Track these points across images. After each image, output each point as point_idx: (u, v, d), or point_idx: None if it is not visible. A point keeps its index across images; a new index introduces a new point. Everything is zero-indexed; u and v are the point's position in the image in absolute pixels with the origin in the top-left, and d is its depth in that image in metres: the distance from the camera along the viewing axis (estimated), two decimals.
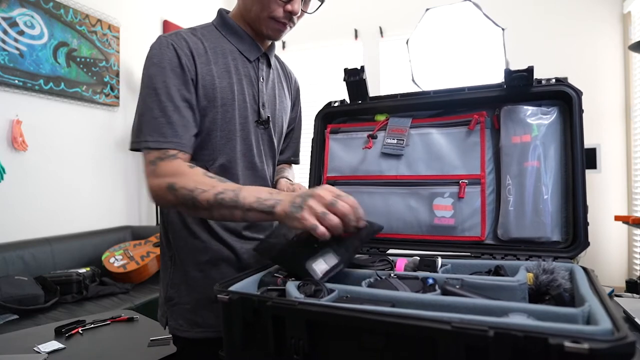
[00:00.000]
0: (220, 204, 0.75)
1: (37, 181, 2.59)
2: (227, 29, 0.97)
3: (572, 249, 0.81)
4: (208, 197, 0.76)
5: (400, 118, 1.00)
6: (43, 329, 1.49)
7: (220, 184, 0.77)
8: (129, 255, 2.74)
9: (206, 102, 0.89)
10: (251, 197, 0.74)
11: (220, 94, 0.90)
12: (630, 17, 2.99)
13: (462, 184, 0.91)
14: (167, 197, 0.80)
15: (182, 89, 0.85)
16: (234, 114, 0.92)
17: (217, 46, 0.93)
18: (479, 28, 2.00)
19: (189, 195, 0.77)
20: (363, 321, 0.51)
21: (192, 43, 0.89)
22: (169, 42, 0.86)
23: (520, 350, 0.42)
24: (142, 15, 3.36)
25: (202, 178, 0.78)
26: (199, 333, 0.91)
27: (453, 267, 0.82)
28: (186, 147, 0.85)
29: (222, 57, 0.93)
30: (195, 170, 0.80)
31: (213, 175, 0.80)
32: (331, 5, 3.86)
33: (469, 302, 0.57)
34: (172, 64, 0.85)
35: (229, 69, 0.93)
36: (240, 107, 0.93)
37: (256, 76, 0.98)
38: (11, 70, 2.42)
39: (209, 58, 0.90)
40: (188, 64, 0.86)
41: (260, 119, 0.97)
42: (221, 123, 0.91)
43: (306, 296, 0.64)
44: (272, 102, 1.02)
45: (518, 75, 0.84)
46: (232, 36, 0.96)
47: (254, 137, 0.96)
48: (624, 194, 3.05)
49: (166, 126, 0.83)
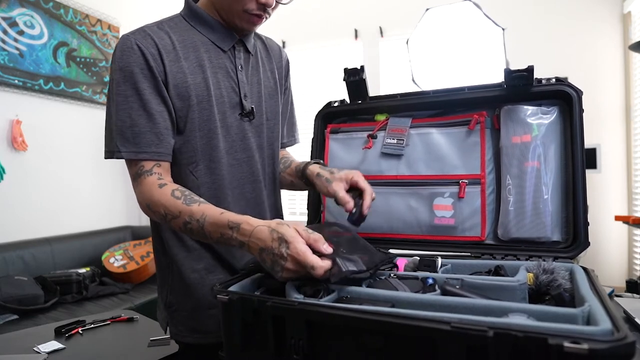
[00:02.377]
0: (191, 232, 0.78)
1: (37, 181, 2.59)
2: (196, 19, 0.90)
3: (572, 249, 0.81)
4: (179, 224, 0.78)
5: (400, 118, 1.00)
6: (43, 329, 1.49)
7: (185, 208, 0.77)
8: (129, 255, 2.74)
9: (180, 102, 0.84)
10: (216, 234, 0.74)
11: (195, 91, 0.84)
12: (630, 17, 2.99)
13: (462, 184, 0.91)
14: (149, 214, 0.83)
15: (153, 93, 0.81)
16: (212, 110, 0.86)
17: (187, 39, 0.87)
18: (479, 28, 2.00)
19: (163, 219, 0.80)
20: (363, 321, 0.50)
21: (159, 39, 0.83)
22: (134, 42, 0.81)
23: (519, 351, 0.42)
24: (142, 15, 3.35)
25: (169, 201, 0.78)
26: (198, 339, 0.89)
27: (453, 267, 0.82)
28: (162, 156, 0.82)
29: (193, 50, 0.86)
30: (163, 191, 0.79)
31: (180, 194, 0.79)
32: (331, 5, 3.88)
33: (469, 302, 0.57)
34: (139, 67, 0.80)
35: (202, 63, 0.86)
36: (218, 102, 0.87)
37: (233, 66, 0.91)
38: (11, 70, 2.42)
39: (178, 54, 0.84)
40: (155, 65, 0.81)
41: (244, 111, 0.91)
42: (199, 122, 0.85)
43: (306, 296, 0.64)
44: (255, 91, 0.94)
45: (518, 75, 0.84)
46: (202, 26, 0.89)
47: (237, 131, 0.90)
48: (624, 194, 3.04)
49: (138, 136, 0.80)
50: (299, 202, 3.79)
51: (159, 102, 0.82)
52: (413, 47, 2.18)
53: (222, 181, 0.88)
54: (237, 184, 0.91)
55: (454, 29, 2.06)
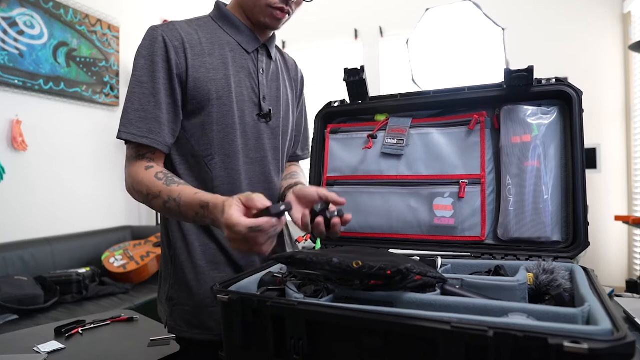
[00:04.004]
0: (169, 212, 0.81)
1: (37, 181, 2.59)
2: (224, 20, 0.94)
3: (572, 249, 0.81)
4: (159, 204, 0.81)
5: (400, 118, 1.00)
6: (43, 329, 1.49)
7: (165, 188, 0.80)
8: (129, 255, 2.74)
9: (199, 95, 0.86)
10: (191, 212, 0.78)
11: (215, 86, 0.87)
12: (630, 17, 2.99)
13: (462, 184, 0.91)
14: (133, 194, 0.86)
15: (167, 85, 0.84)
16: (231, 107, 0.89)
17: (214, 37, 0.91)
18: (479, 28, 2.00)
19: (145, 198, 0.83)
20: (363, 321, 0.50)
21: (186, 34, 0.87)
22: (160, 33, 0.85)
23: (519, 350, 0.42)
24: (142, 15, 3.36)
25: (151, 181, 0.82)
26: (197, 335, 0.90)
27: (453, 267, 0.82)
28: (159, 145, 0.85)
29: (219, 48, 0.90)
30: (148, 172, 0.83)
31: (163, 176, 0.82)
32: (331, 5, 3.88)
33: (469, 302, 0.57)
34: (160, 57, 0.84)
35: (226, 61, 0.90)
36: (239, 99, 0.91)
37: (255, 68, 0.95)
38: (11, 70, 2.42)
39: (204, 50, 0.88)
40: (177, 58, 0.84)
41: (262, 112, 0.94)
42: (217, 117, 0.88)
43: (306, 296, 0.64)
44: (273, 95, 0.98)
45: (518, 75, 0.84)
46: (230, 28, 0.94)
47: (254, 131, 0.93)
48: (624, 194, 3.05)
49: (142, 121, 0.83)
50: None
51: (168, 95, 0.85)
52: (413, 47, 2.18)
53: (237, 176, 0.90)
54: (249, 182, 0.93)
55: (454, 29, 2.06)
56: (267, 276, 0.75)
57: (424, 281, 0.61)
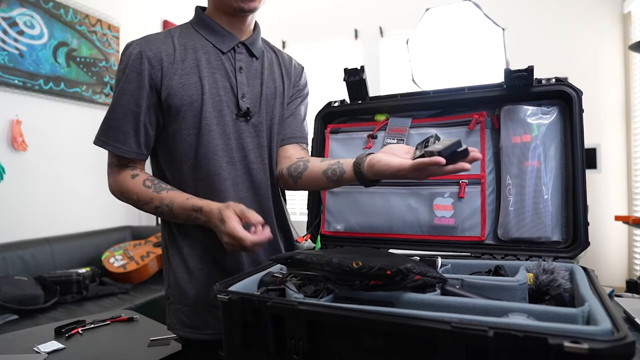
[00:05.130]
0: (161, 214, 0.90)
1: (37, 181, 2.59)
2: (200, 24, 0.96)
3: (572, 249, 0.81)
4: (150, 208, 0.89)
5: (400, 118, 1.00)
6: (43, 329, 1.49)
7: (156, 195, 0.88)
8: (129, 255, 2.74)
9: (173, 101, 0.89)
10: (183, 215, 0.87)
11: (188, 91, 0.90)
12: (630, 17, 2.99)
13: (462, 184, 0.91)
14: (120, 199, 0.94)
15: (142, 97, 0.89)
16: (206, 109, 0.90)
17: (188, 42, 0.93)
18: (479, 28, 2.00)
19: (135, 203, 0.91)
20: (363, 321, 0.51)
21: (162, 44, 0.91)
22: (135, 47, 0.89)
23: (519, 351, 0.42)
24: (142, 15, 3.35)
25: (141, 190, 0.90)
26: (188, 333, 0.93)
27: (453, 267, 0.82)
28: (137, 155, 0.91)
29: (192, 52, 0.92)
30: (135, 181, 0.91)
31: (150, 183, 0.90)
32: (331, 5, 3.88)
33: (469, 302, 0.57)
34: (134, 70, 0.88)
35: (199, 64, 0.92)
36: (215, 101, 0.92)
37: (233, 67, 0.95)
38: (11, 70, 2.42)
39: (177, 57, 0.91)
40: (150, 69, 0.88)
41: (240, 111, 0.94)
42: (193, 120, 0.90)
43: (306, 296, 0.64)
44: (255, 92, 0.97)
45: (518, 75, 0.84)
46: (205, 30, 0.95)
47: (233, 130, 0.93)
48: (624, 194, 3.04)
49: (121, 132, 0.89)
50: (298, 202, 3.80)
51: (146, 105, 0.89)
52: (413, 47, 2.18)
53: (217, 178, 0.92)
54: (232, 182, 0.93)
55: (454, 29, 2.06)
56: (267, 276, 0.75)
57: (424, 281, 0.61)
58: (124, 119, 0.89)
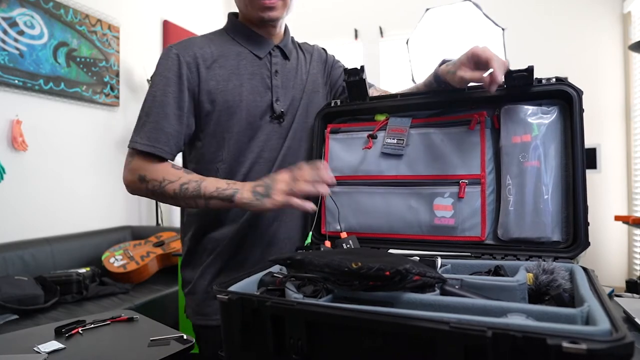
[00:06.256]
0: (184, 193, 0.86)
1: (37, 181, 2.59)
2: (235, 31, 1.00)
3: (572, 249, 0.81)
4: (175, 187, 0.87)
5: (400, 118, 1.00)
6: (43, 329, 1.49)
7: (186, 175, 0.88)
8: (129, 255, 2.74)
9: (210, 106, 0.92)
10: (211, 187, 0.85)
11: (225, 96, 0.93)
12: (630, 17, 2.99)
13: (462, 184, 0.91)
14: (139, 187, 0.90)
15: (177, 98, 0.90)
16: (241, 115, 0.94)
17: (225, 49, 0.96)
18: (479, 28, 2.00)
19: (158, 185, 0.88)
20: (362, 321, 0.50)
21: (199, 50, 0.93)
22: (174, 51, 0.91)
23: (518, 351, 0.42)
24: (142, 15, 3.36)
25: (170, 170, 0.89)
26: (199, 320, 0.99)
27: (453, 267, 0.82)
28: (167, 154, 0.91)
29: (230, 59, 0.95)
30: (162, 164, 0.90)
31: (180, 167, 0.91)
32: (331, 5, 3.88)
33: (468, 303, 0.57)
34: (173, 73, 0.90)
35: (236, 71, 0.95)
36: (250, 106, 0.95)
37: (269, 72, 0.99)
38: (11, 70, 2.42)
39: (215, 62, 0.94)
40: (189, 73, 0.90)
41: (274, 114, 0.98)
42: (227, 124, 0.93)
43: (305, 296, 0.64)
44: (289, 95, 1.02)
45: (518, 74, 0.84)
46: (241, 37, 0.99)
47: (265, 133, 0.98)
48: (624, 194, 3.04)
49: (154, 132, 0.89)
50: None
51: (180, 107, 0.91)
52: (413, 47, 2.18)
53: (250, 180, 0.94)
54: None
55: (454, 29, 2.06)
56: (266, 276, 0.75)
57: (423, 281, 0.61)
58: (164, 120, 0.90)
